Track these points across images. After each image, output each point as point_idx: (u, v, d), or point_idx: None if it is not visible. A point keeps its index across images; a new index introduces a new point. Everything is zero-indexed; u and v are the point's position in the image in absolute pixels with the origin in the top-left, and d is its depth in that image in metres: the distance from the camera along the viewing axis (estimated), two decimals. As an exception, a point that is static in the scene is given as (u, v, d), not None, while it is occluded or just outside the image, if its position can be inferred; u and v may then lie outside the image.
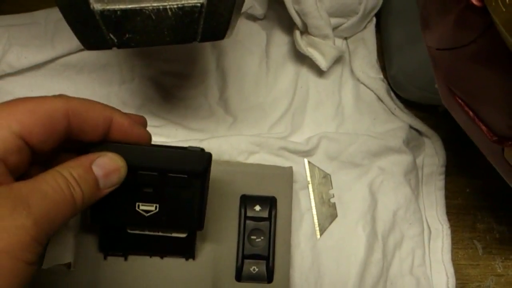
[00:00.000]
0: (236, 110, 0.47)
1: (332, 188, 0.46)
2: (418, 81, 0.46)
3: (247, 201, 0.41)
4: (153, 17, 0.29)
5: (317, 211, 0.45)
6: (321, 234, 0.45)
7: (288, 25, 0.49)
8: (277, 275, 0.41)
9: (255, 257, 0.41)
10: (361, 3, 0.46)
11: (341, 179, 0.46)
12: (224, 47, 0.47)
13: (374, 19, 0.50)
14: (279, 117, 0.47)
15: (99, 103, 0.31)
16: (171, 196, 0.35)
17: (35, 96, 0.43)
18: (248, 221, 0.41)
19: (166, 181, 0.34)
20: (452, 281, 0.47)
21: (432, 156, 0.50)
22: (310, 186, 0.46)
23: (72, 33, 0.44)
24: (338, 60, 0.48)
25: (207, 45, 0.47)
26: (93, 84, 0.46)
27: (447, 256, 0.47)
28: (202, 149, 0.34)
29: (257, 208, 0.41)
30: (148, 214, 0.35)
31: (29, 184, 0.26)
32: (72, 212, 0.28)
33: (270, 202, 0.41)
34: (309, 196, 0.46)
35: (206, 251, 0.40)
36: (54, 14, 0.45)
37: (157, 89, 0.46)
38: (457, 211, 0.50)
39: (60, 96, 0.30)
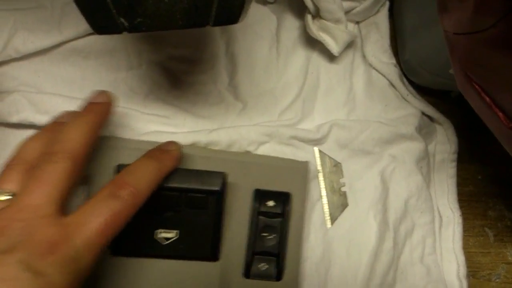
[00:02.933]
0: (246, 96, 0.46)
1: (343, 176, 0.45)
2: (431, 66, 0.45)
3: (261, 196, 0.40)
4: (166, 0, 0.28)
5: (328, 200, 0.45)
6: (332, 223, 0.44)
7: (299, 9, 0.48)
8: (286, 273, 0.40)
9: (266, 254, 0.40)
10: (374, -14, 0.46)
11: (352, 168, 0.46)
12: (234, 32, 0.46)
13: (388, 2, 0.49)
14: (290, 103, 0.47)
15: None
16: (190, 219, 0.36)
17: (42, 81, 0.43)
18: (260, 217, 0.40)
19: (186, 202, 0.35)
20: (462, 269, 0.46)
21: (444, 143, 0.49)
22: (320, 175, 0.45)
23: (79, 18, 0.43)
24: (349, 45, 0.47)
25: (217, 29, 0.46)
26: (100, 69, 0.45)
27: (458, 245, 0.47)
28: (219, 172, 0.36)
29: (271, 203, 0.40)
30: (168, 241, 0.36)
31: None
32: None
33: (284, 198, 0.40)
34: (319, 185, 0.45)
35: None
36: (60, -2, 0.45)
37: (165, 75, 0.46)
38: (469, 199, 0.50)
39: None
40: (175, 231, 0.36)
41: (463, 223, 0.47)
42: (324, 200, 0.45)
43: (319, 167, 0.45)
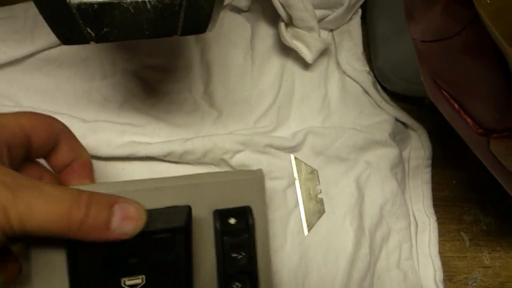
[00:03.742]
0: (221, 104, 0.46)
1: (319, 183, 0.46)
2: (404, 73, 0.45)
3: (221, 216, 0.37)
4: (132, 10, 0.28)
5: (304, 207, 0.45)
6: (309, 230, 0.44)
7: (273, 17, 0.48)
8: (262, 285, 0.39)
9: (238, 274, 0.38)
10: (346, -5, 0.46)
11: (328, 174, 0.46)
12: (208, 40, 0.47)
13: (360, 10, 0.49)
14: (265, 111, 0.47)
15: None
16: (157, 262, 0.33)
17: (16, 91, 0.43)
18: (225, 238, 0.37)
19: (150, 245, 0.32)
20: (439, 274, 0.47)
21: (418, 149, 0.49)
22: (297, 182, 0.45)
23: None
24: (323, 53, 0.47)
25: (191, 38, 0.46)
26: (74, 79, 0.45)
27: (434, 250, 0.47)
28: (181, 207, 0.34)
29: (232, 221, 0.37)
30: None
31: (48, 186, 0.27)
32: (63, 230, 0.27)
33: (245, 213, 0.38)
34: (296, 192, 0.45)
35: None
36: (33, 8, 0.44)
37: (140, 83, 0.46)
38: (444, 203, 0.50)
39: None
40: (141, 277, 0.33)
41: (438, 228, 0.48)
42: (301, 207, 0.45)
43: (296, 175, 0.45)
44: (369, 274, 0.45)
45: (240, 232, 0.37)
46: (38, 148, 0.33)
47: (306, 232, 0.44)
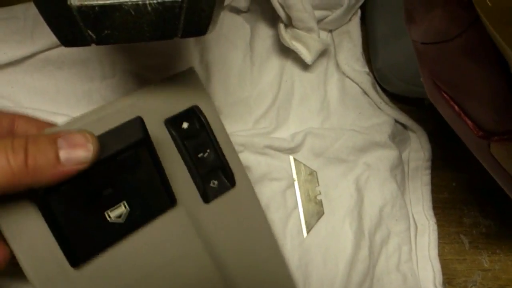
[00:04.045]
0: (220, 105, 0.46)
1: (318, 185, 0.46)
2: (403, 74, 0.45)
3: (172, 123, 0.37)
4: (133, 12, 0.28)
5: (303, 209, 0.45)
6: (308, 232, 0.44)
7: (272, 18, 0.48)
8: (237, 177, 0.38)
9: (211, 171, 0.38)
10: (346, -4, 0.46)
11: (327, 176, 0.46)
12: (208, 41, 0.46)
13: (359, 11, 0.49)
14: (264, 112, 0.47)
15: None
16: (131, 183, 0.33)
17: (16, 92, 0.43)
18: (185, 142, 0.37)
19: (117, 169, 0.32)
20: (438, 276, 0.47)
21: (418, 150, 0.49)
22: (296, 183, 0.45)
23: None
24: (323, 54, 0.47)
25: (190, 39, 0.46)
26: (73, 80, 0.45)
27: (434, 252, 0.47)
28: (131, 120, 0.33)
29: (185, 125, 0.37)
30: (122, 216, 0.33)
31: None
32: (12, 181, 0.26)
33: (195, 113, 0.38)
34: (295, 193, 0.45)
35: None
36: (33, 9, 0.44)
37: (139, 84, 0.45)
38: (444, 206, 0.50)
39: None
40: (122, 203, 0.33)
41: (438, 230, 0.48)
42: (300, 208, 0.45)
43: (295, 176, 0.45)
44: (368, 277, 0.45)
45: (197, 131, 0.37)
46: None
47: (305, 233, 0.44)
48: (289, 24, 0.45)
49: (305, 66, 0.48)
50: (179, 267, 0.36)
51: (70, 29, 0.28)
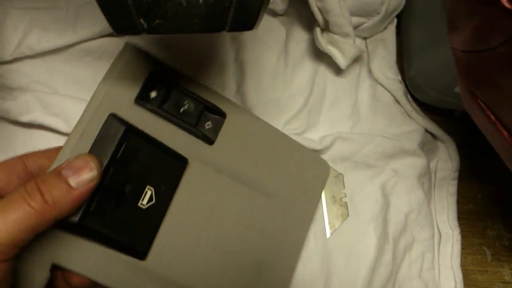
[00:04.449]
0: (252, 104, 0.47)
1: (344, 187, 0.46)
2: (437, 83, 0.46)
3: (142, 100, 0.37)
4: (184, 4, 0.28)
5: (328, 210, 0.45)
6: (331, 233, 0.45)
7: (308, 22, 0.49)
8: (224, 107, 0.41)
9: (199, 117, 0.39)
10: (383, 4, 0.47)
11: (353, 179, 0.46)
12: (244, 41, 0.47)
13: (395, 20, 0.50)
14: (295, 114, 0.47)
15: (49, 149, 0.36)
16: (142, 169, 0.35)
17: (54, 79, 0.44)
18: (163, 107, 0.38)
19: (123, 166, 0.34)
20: (460, 286, 0.47)
21: (446, 160, 0.50)
22: (321, 184, 0.45)
23: (93, 19, 0.44)
24: (356, 60, 0.48)
25: (227, 37, 0.47)
26: (111, 71, 0.45)
27: (456, 262, 0.47)
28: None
29: (153, 94, 0.38)
30: (153, 199, 0.35)
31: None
32: (40, 221, 0.29)
33: (153, 79, 0.38)
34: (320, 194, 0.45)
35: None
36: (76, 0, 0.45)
37: (175, 79, 0.46)
38: (468, 217, 0.50)
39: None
40: (145, 189, 0.35)
41: (461, 241, 0.48)
42: (324, 209, 0.45)
43: (321, 178, 0.46)
44: (390, 282, 0.45)
45: (166, 93, 0.39)
46: None
47: (328, 234, 0.45)
48: (326, 28, 0.46)
49: (338, 71, 0.48)
50: (224, 207, 0.39)
51: (123, 16, 0.29)
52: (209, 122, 0.40)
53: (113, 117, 0.35)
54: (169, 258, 0.36)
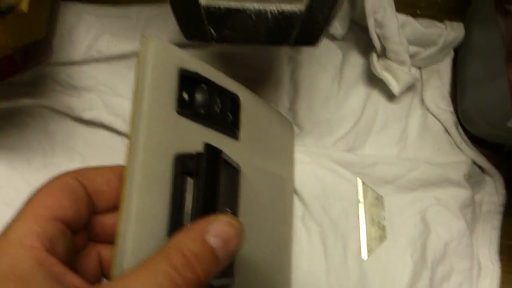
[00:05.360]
0: (303, 122, 0.48)
1: (384, 210, 0.46)
2: (490, 117, 0.46)
3: (183, 106, 0.32)
4: (253, 17, 0.30)
5: (366, 231, 0.46)
6: (368, 255, 0.45)
7: (365, 48, 0.50)
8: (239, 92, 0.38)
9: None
10: (441, 36, 0.48)
11: (393, 203, 0.47)
12: (300, 61, 0.49)
13: (452, 52, 0.50)
14: (344, 134, 0.48)
15: (104, 166, 0.31)
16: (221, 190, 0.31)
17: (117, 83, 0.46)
18: (202, 111, 0.34)
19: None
20: (495, 321, 0.46)
21: (492, 194, 0.50)
22: (361, 205, 0.46)
23: (160, 31, 0.47)
24: (410, 88, 0.49)
25: (284, 57, 0.49)
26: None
27: (494, 296, 0.47)
28: None
29: (185, 95, 0.32)
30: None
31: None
32: None
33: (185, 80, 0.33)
34: (358, 215, 0.46)
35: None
36: (146, 12, 0.48)
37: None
38: (510, 252, 0.49)
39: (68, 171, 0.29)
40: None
41: (501, 276, 0.47)
42: (363, 230, 0.46)
43: (361, 198, 0.46)
44: (425, 308, 0.45)
45: (200, 90, 0.34)
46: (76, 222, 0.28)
47: (365, 256, 0.45)
48: (382, 55, 0.47)
49: (390, 97, 0.49)
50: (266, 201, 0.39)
51: (195, 24, 0.31)
52: (229, 114, 0.37)
53: (180, 157, 0.30)
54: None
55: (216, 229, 0.26)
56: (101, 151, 0.46)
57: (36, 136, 0.46)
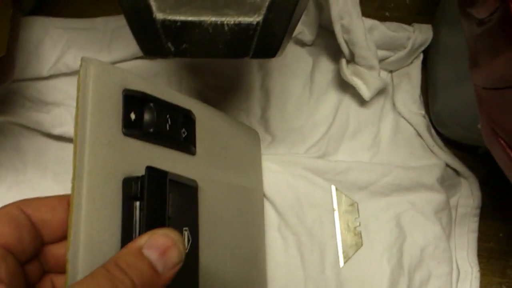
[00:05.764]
0: (275, 130, 0.48)
1: (359, 216, 0.46)
2: (461, 119, 0.46)
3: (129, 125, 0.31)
4: (210, 30, 0.30)
5: (342, 239, 0.45)
6: (345, 262, 0.45)
7: (335, 54, 0.50)
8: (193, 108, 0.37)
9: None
10: (409, 39, 0.47)
11: (368, 209, 0.46)
12: (270, 68, 0.48)
13: (422, 55, 0.50)
14: (316, 141, 0.48)
15: (51, 196, 0.30)
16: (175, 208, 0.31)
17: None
18: (150, 130, 0.32)
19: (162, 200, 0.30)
20: (476, 325, 0.46)
21: (468, 197, 0.49)
22: (336, 212, 0.46)
23: (127, 42, 0.46)
24: (381, 92, 0.48)
25: (254, 64, 0.48)
26: (142, 91, 0.47)
27: (474, 300, 0.47)
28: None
29: (133, 115, 0.31)
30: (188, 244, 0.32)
31: None
32: None
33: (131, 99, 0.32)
34: (334, 222, 0.46)
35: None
36: (113, 23, 0.47)
37: (202, 101, 0.48)
38: (489, 255, 0.49)
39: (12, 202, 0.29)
40: (183, 230, 0.32)
41: (481, 279, 0.47)
42: (339, 238, 0.45)
43: (335, 205, 0.46)
44: (404, 315, 0.44)
45: (148, 108, 0.33)
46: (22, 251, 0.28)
47: (341, 263, 0.45)
48: (351, 60, 0.46)
49: (361, 102, 0.49)
50: (230, 213, 0.38)
51: (152, 40, 0.30)
52: (183, 130, 0.36)
53: (127, 181, 0.29)
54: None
55: (151, 242, 0.26)
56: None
57: (7, 154, 0.45)
